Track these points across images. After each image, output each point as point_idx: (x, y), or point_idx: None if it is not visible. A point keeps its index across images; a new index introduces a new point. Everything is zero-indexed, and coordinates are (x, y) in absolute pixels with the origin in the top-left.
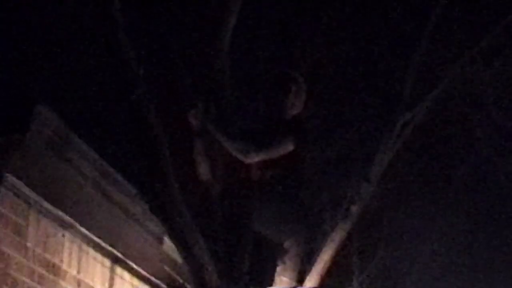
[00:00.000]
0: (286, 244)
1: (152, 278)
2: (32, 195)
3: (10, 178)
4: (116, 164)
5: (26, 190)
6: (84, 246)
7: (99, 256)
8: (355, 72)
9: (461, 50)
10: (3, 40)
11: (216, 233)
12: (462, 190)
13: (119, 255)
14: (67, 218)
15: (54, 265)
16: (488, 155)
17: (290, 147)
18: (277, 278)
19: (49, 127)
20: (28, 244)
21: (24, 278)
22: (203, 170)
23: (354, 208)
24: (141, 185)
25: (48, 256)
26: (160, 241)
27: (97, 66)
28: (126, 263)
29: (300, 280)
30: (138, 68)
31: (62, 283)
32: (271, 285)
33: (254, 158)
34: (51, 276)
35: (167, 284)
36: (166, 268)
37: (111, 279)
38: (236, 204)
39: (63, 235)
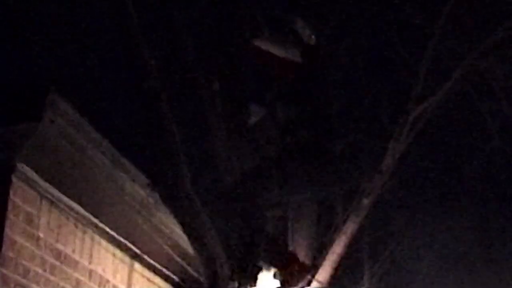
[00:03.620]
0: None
1: (164, 270)
2: (44, 184)
3: (22, 168)
4: (129, 154)
5: (38, 180)
6: (96, 237)
7: (110, 247)
8: (367, 63)
9: (474, 42)
10: (17, 28)
11: (228, 224)
12: (474, 184)
13: (131, 246)
14: (79, 208)
15: (65, 255)
16: (500, 148)
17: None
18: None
19: (62, 116)
20: (40, 234)
21: (35, 268)
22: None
23: (366, 201)
24: (153, 175)
25: (59, 246)
26: (172, 232)
27: (110, 55)
28: (138, 254)
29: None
30: (150, 57)
31: (74, 273)
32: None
33: None
34: (62, 266)
35: (179, 276)
36: (178, 259)
37: (123, 270)
38: (250, 195)
39: (75, 225)
